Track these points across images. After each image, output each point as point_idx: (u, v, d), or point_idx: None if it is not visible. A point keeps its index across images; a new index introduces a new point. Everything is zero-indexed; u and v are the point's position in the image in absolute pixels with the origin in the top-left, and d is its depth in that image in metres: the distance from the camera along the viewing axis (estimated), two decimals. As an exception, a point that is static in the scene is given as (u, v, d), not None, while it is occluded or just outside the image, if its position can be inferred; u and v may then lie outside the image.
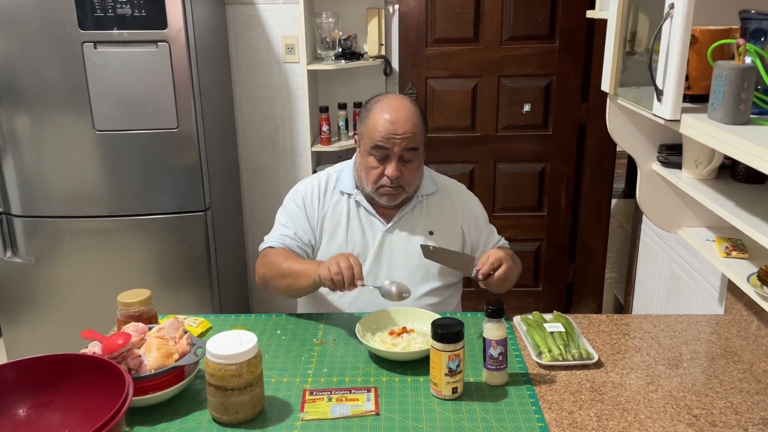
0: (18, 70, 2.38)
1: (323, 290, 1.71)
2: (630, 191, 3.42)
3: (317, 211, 1.75)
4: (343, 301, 1.73)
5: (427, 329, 1.51)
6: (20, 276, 2.59)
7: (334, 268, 1.48)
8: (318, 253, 1.75)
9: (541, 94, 3.08)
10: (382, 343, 1.49)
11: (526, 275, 3.31)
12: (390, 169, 1.64)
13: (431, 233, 1.75)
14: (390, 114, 1.63)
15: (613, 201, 3.29)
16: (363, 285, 1.49)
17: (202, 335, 1.59)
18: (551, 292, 3.37)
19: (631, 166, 3.40)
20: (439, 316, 1.52)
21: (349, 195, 1.76)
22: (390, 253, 1.73)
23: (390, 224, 1.74)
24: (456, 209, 1.80)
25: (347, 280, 1.47)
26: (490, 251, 1.61)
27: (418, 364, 1.44)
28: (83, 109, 2.42)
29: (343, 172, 1.79)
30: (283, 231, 1.76)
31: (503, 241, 1.88)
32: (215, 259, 2.67)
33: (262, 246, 1.77)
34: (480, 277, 1.57)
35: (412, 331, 1.53)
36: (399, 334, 1.51)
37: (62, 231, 2.55)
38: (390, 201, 1.70)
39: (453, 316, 1.53)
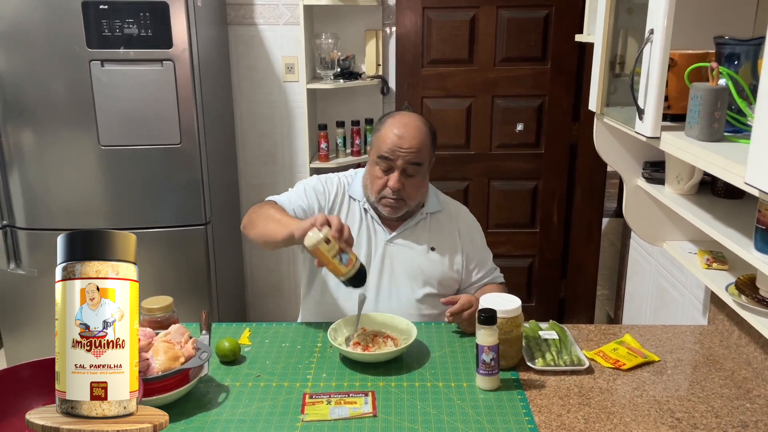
0: (26, 86, 2.45)
1: (328, 297, 1.78)
2: (621, 210, 3.48)
3: (327, 206, 1.80)
4: (346, 306, 1.77)
5: (397, 333, 1.61)
6: (23, 288, 2.64)
7: (335, 220, 1.47)
8: None
9: (533, 114, 3.17)
10: (352, 348, 1.56)
11: (519, 291, 3.36)
12: (392, 180, 1.71)
13: (432, 249, 1.81)
14: (399, 129, 1.72)
15: (605, 220, 3.36)
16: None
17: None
18: (543, 307, 3.43)
19: (623, 186, 3.46)
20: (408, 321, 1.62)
21: (358, 202, 1.82)
22: (391, 263, 1.79)
23: (392, 235, 1.80)
24: (460, 230, 1.85)
25: (346, 234, 1.47)
26: (463, 295, 1.67)
27: (414, 370, 1.50)
28: (89, 124, 2.48)
29: (355, 179, 1.86)
30: (294, 198, 1.78)
31: (496, 274, 1.90)
32: (215, 271, 2.73)
33: (267, 198, 1.79)
34: (448, 316, 1.63)
35: (383, 333, 1.62)
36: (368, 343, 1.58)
37: (65, 243, 2.60)
38: (391, 213, 1.76)
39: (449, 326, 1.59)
